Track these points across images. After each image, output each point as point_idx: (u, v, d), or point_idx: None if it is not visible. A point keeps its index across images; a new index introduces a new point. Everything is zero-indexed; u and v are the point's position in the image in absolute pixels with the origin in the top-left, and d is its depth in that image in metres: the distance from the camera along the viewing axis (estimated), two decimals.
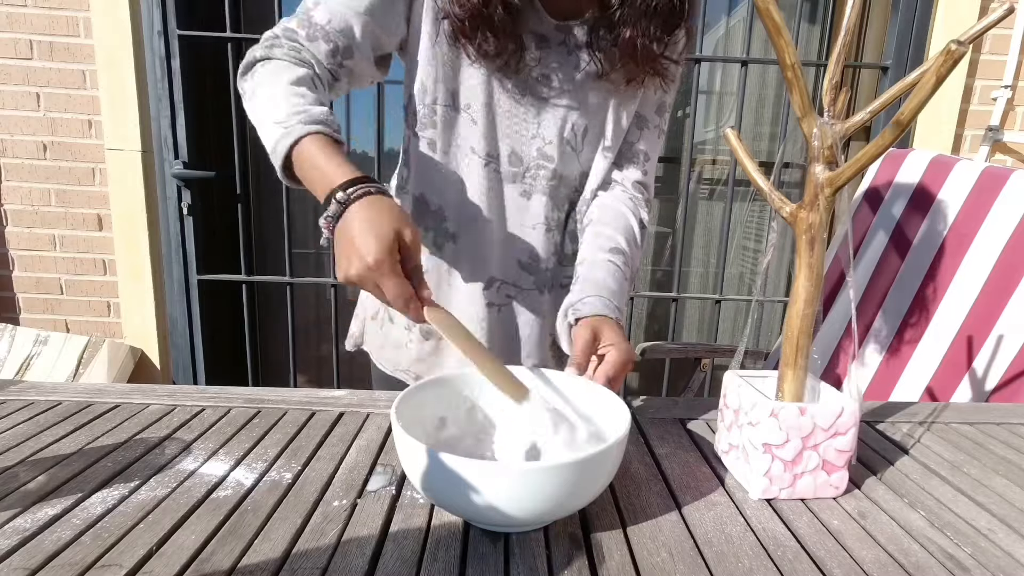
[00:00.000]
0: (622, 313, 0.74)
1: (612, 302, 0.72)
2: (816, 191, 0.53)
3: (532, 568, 0.44)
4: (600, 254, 0.77)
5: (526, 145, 0.78)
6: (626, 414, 0.51)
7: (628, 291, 0.79)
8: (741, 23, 2.01)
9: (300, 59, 0.69)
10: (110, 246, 1.84)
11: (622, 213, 0.82)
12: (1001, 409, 0.77)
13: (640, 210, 0.85)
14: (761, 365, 1.39)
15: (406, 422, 0.50)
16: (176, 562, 0.44)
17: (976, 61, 1.80)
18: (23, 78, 1.73)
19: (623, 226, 0.81)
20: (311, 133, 0.62)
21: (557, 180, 0.80)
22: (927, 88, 0.45)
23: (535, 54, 0.75)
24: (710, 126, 2.11)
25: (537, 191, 0.80)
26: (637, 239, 0.83)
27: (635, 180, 0.85)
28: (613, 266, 0.76)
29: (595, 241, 0.79)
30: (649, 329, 2.27)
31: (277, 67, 0.67)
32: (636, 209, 0.84)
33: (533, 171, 0.80)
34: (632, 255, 0.81)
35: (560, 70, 0.76)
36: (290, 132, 0.62)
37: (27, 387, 0.74)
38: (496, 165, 0.79)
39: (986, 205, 1.09)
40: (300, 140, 0.61)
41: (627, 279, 0.78)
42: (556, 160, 0.79)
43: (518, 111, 0.77)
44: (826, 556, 0.47)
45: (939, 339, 1.10)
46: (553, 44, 0.76)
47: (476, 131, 0.77)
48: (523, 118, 0.77)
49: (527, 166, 0.79)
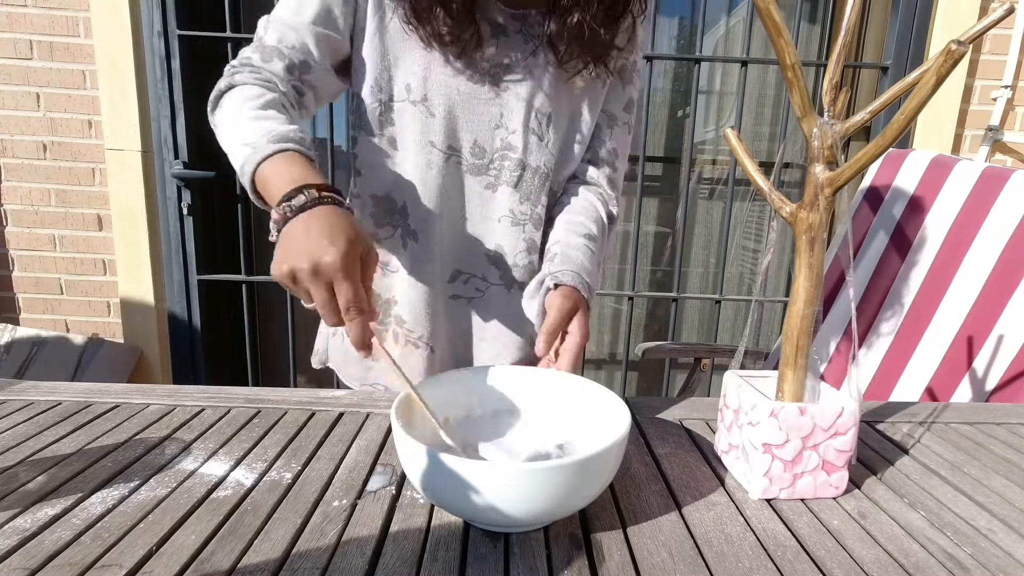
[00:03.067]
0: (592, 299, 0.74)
1: (588, 283, 0.72)
2: (816, 191, 0.53)
3: (532, 568, 0.44)
4: (577, 238, 0.78)
5: (489, 136, 0.78)
6: (626, 414, 0.51)
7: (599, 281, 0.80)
8: (741, 23, 2.01)
9: (262, 79, 0.69)
10: (110, 246, 1.84)
11: (593, 204, 0.83)
12: (1001, 409, 0.77)
13: (610, 205, 0.85)
14: (761, 365, 1.39)
15: (406, 422, 0.50)
16: (176, 562, 0.44)
17: (976, 61, 1.80)
18: (23, 78, 1.73)
19: (595, 216, 0.82)
20: (281, 151, 0.60)
21: (522, 171, 0.79)
22: (927, 88, 0.45)
23: (493, 43, 0.75)
24: (710, 126, 2.11)
25: (502, 183, 0.80)
26: (605, 229, 0.83)
27: (606, 176, 0.86)
28: (589, 251, 0.77)
29: (570, 228, 0.80)
30: (649, 329, 2.27)
31: (242, 93, 0.67)
32: (606, 203, 0.85)
33: (498, 162, 0.79)
34: (601, 244, 0.81)
35: (520, 59, 0.76)
36: (257, 151, 0.60)
37: (27, 387, 0.74)
38: (458, 158, 0.78)
39: (986, 205, 1.09)
40: (269, 157, 0.60)
41: (599, 265, 0.79)
42: (520, 150, 0.78)
43: (479, 101, 0.76)
44: (826, 556, 0.47)
45: (939, 339, 1.10)
46: (511, 33, 0.76)
47: (434, 124, 0.76)
48: (485, 108, 0.77)
49: (491, 157, 0.79)
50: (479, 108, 0.76)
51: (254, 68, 0.69)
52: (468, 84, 0.75)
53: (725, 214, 1.91)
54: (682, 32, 2.05)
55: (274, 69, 0.70)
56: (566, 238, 0.78)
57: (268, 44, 0.70)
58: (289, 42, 0.70)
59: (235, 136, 0.64)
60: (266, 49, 0.70)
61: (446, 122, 0.76)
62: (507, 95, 0.77)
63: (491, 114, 0.77)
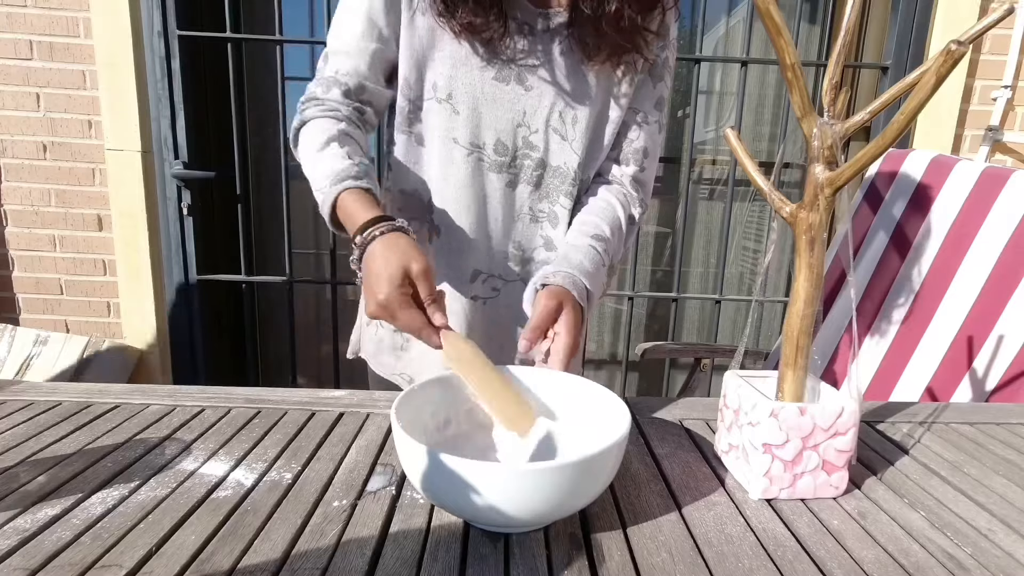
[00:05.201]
0: (591, 298, 0.74)
1: (583, 282, 0.73)
2: (816, 191, 0.53)
3: (532, 568, 0.44)
4: (582, 239, 0.79)
5: (511, 133, 0.79)
6: (626, 414, 0.51)
7: (605, 279, 0.80)
8: (741, 23, 2.01)
9: (327, 109, 0.75)
10: (110, 246, 1.84)
11: (611, 205, 0.83)
12: (1001, 409, 0.77)
13: (632, 206, 0.85)
14: (761, 365, 1.39)
15: (406, 422, 0.50)
16: (176, 562, 0.44)
17: (976, 61, 1.80)
18: (23, 78, 1.73)
19: (610, 217, 0.82)
20: (341, 192, 0.68)
21: (542, 170, 0.81)
22: (927, 88, 0.45)
23: (519, 41, 0.76)
24: (710, 126, 2.11)
25: (523, 181, 0.81)
26: (622, 230, 0.83)
27: (631, 176, 0.86)
28: (593, 251, 0.77)
29: (580, 228, 0.80)
30: (649, 329, 2.27)
31: (311, 129, 0.74)
32: (627, 204, 0.85)
33: (519, 160, 0.80)
34: (615, 245, 0.81)
35: (545, 57, 0.77)
36: (327, 198, 0.69)
37: (27, 387, 0.74)
38: (480, 154, 0.79)
39: (986, 205, 1.09)
40: (336, 200, 0.68)
41: (604, 265, 0.79)
42: (541, 149, 0.80)
43: (503, 99, 0.77)
44: (826, 556, 0.47)
45: (939, 339, 1.10)
46: (537, 32, 0.76)
47: (458, 121, 0.78)
48: (508, 106, 0.78)
49: (513, 155, 0.80)
50: (503, 106, 0.78)
51: (318, 100, 0.76)
52: (493, 83, 0.76)
53: (725, 214, 1.91)
54: (682, 32, 2.05)
55: (334, 97, 0.76)
56: (573, 239, 0.79)
57: (327, 76, 0.77)
58: (344, 69, 0.76)
59: (312, 178, 0.73)
60: (325, 81, 0.77)
61: (470, 119, 0.77)
62: (531, 94, 0.78)
63: (514, 112, 0.78)
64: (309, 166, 0.73)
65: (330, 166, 0.71)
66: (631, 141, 0.85)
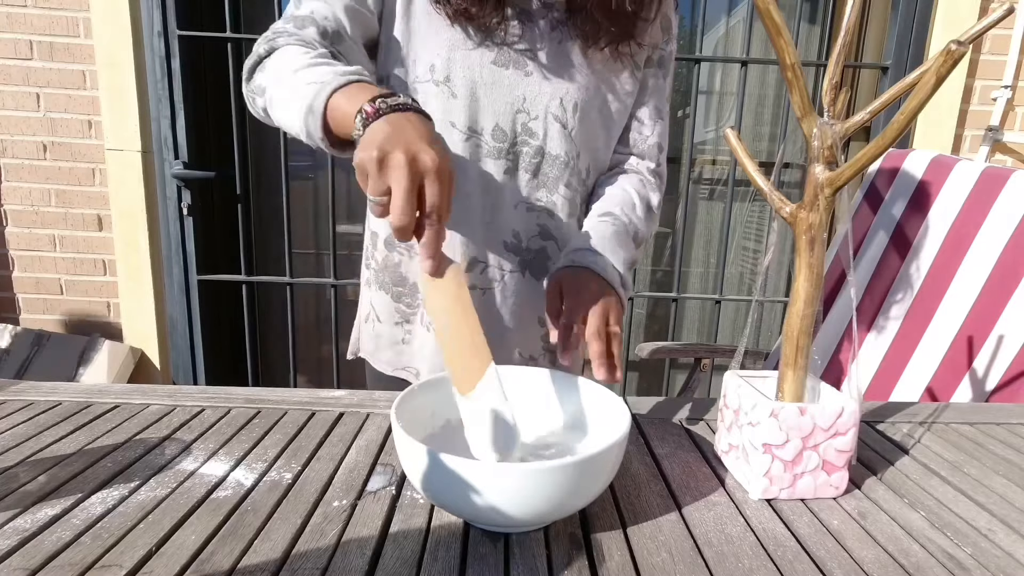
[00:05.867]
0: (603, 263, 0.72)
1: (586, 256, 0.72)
2: (816, 191, 0.53)
3: (532, 568, 0.44)
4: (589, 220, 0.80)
5: (510, 119, 0.78)
6: (626, 414, 0.51)
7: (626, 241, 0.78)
8: (741, 23, 2.01)
9: (304, 42, 0.68)
10: (110, 246, 1.84)
11: (627, 192, 0.84)
12: (1001, 409, 0.77)
13: (651, 192, 0.86)
14: (761, 365, 1.39)
15: (406, 422, 0.50)
16: (176, 562, 0.44)
17: (976, 61, 1.80)
18: (23, 78, 1.73)
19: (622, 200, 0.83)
20: (353, 82, 0.58)
21: (540, 158, 0.80)
22: (927, 88, 0.45)
23: (518, 28, 0.76)
24: (710, 126, 2.10)
25: (521, 168, 0.80)
26: (637, 209, 0.83)
27: (649, 170, 0.87)
28: (601, 224, 0.78)
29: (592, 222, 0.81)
30: (649, 329, 2.27)
31: (289, 52, 0.66)
32: (645, 191, 0.85)
33: (518, 147, 0.79)
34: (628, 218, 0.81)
35: (545, 45, 0.77)
36: (327, 84, 0.58)
37: (27, 387, 0.74)
38: (478, 140, 0.78)
39: (986, 205, 1.09)
40: (342, 88, 0.57)
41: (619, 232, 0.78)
42: (541, 136, 0.79)
43: (502, 84, 0.77)
44: (826, 556, 0.47)
45: (939, 339, 1.10)
46: (537, 19, 0.76)
47: (456, 105, 0.76)
48: (507, 92, 0.77)
49: (512, 141, 0.79)
50: (501, 91, 0.77)
51: (291, 33, 0.68)
52: (492, 67, 0.76)
53: (725, 214, 1.91)
54: (682, 32, 2.05)
55: (309, 36, 0.69)
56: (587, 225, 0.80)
57: (300, 14, 0.70)
58: (321, 12, 0.70)
59: (293, 83, 0.61)
60: (299, 18, 0.70)
61: (468, 104, 0.77)
62: (530, 80, 0.77)
63: (513, 97, 0.77)
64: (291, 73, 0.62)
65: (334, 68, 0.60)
66: (645, 138, 0.86)
